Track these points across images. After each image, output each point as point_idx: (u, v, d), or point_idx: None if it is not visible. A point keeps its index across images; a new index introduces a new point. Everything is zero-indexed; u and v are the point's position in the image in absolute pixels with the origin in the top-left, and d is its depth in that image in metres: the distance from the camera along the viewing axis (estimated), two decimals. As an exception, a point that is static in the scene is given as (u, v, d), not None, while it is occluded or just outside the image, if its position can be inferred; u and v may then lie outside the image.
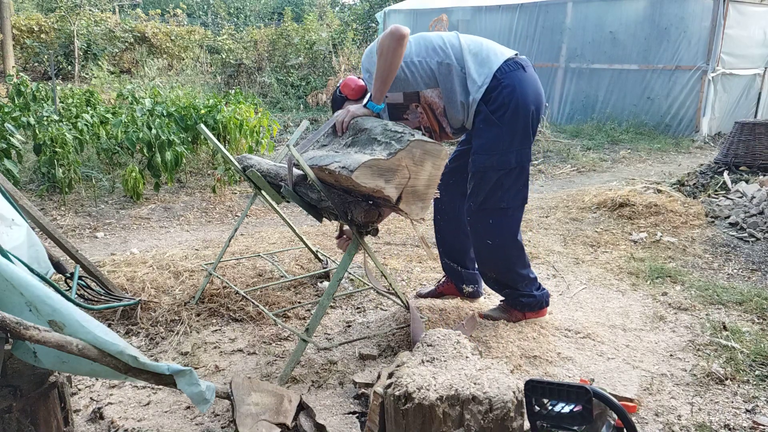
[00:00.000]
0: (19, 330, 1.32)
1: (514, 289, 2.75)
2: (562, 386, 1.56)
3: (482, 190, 2.58)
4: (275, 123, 6.46)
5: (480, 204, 2.59)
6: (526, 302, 2.77)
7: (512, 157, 2.53)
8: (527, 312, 2.80)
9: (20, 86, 6.63)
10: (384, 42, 2.35)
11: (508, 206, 2.60)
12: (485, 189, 2.57)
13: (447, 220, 2.93)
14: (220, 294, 3.07)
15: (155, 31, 15.15)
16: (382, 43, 2.36)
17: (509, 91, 2.47)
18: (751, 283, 3.45)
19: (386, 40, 2.35)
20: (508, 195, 2.58)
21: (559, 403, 1.58)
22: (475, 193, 2.60)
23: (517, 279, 2.73)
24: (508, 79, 2.49)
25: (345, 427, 2.06)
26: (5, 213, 2.04)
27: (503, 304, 2.85)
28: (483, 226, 2.63)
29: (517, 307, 2.79)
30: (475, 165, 2.57)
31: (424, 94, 2.55)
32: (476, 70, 2.51)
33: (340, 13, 19.54)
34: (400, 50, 2.36)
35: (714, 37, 8.54)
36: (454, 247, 2.97)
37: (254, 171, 2.71)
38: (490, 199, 2.58)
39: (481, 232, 2.65)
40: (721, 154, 5.90)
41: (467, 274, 3.00)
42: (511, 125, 2.49)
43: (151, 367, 1.50)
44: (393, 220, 4.61)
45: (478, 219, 2.63)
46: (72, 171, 4.94)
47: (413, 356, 1.75)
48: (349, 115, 2.43)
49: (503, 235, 2.63)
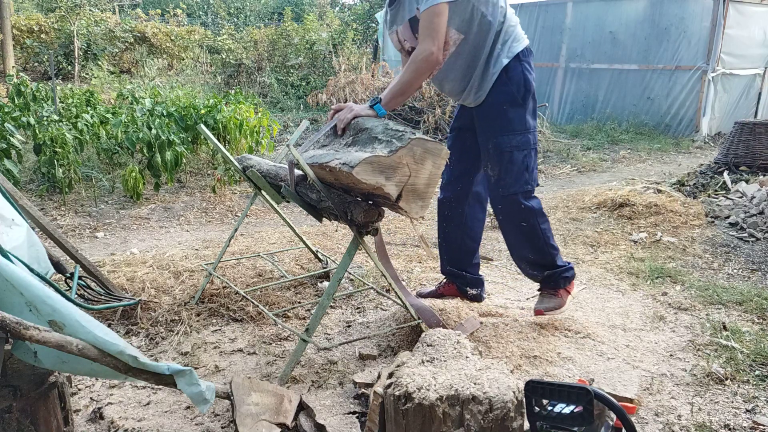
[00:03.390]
0: (19, 330, 1.32)
1: (553, 267, 2.71)
2: (562, 387, 1.56)
3: (510, 173, 2.53)
4: (275, 123, 6.46)
5: (509, 188, 2.55)
6: (569, 275, 2.74)
7: (531, 137, 2.55)
8: (569, 285, 2.77)
9: (20, 86, 6.63)
10: (420, 60, 2.33)
11: (533, 187, 2.60)
12: (513, 171, 2.53)
13: (454, 227, 2.85)
14: (220, 294, 3.07)
15: (155, 31, 15.14)
16: (418, 60, 2.33)
17: (528, 73, 2.51)
18: (751, 283, 3.45)
19: (422, 62, 2.33)
20: (532, 176, 2.58)
21: (558, 403, 1.58)
22: (503, 178, 2.55)
23: (554, 253, 2.70)
24: (528, 61, 2.53)
25: (345, 427, 2.06)
26: (5, 213, 2.03)
27: (548, 291, 2.78)
28: (515, 210, 2.59)
29: (561, 284, 2.74)
30: (501, 147, 2.52)
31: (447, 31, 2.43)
32: (509, 44, 2.48)
33: (340, 13, 19.53)
34: (426, 77, 2.40)
35: (714, 37, 8.54)
36: (461, 253, 2.90)
37: (254, 171, 2.71)
38: (518, 181, 2.54)
39: (514, 217, 2.61)
40: (721, 154, 5.90)
41: (472, 278, 2.95)
42: (529, 106, 2.54)
43: (151, 367, 1.50)
44: (393, 220, 4.61)
45: (509, 204, 2.59)
46: (72, 171, 4.94)
47: (413, 356, 1.75)
48: (352, 113, 2.38)
49: (535, 215, 2.61)
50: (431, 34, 2.31)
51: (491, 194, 2.66)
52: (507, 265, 3.76)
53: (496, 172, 2.56)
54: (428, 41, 2.32)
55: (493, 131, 2.54)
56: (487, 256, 3.87)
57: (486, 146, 2.58)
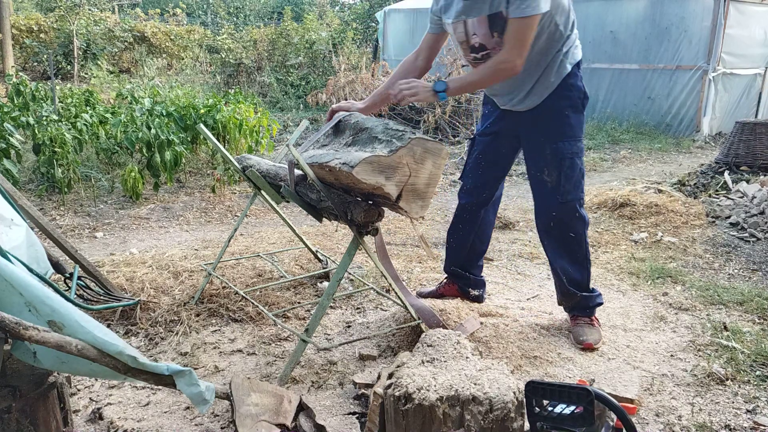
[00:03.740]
0: (18, 330, 1.32)
1: (588, 290, 2.69)
2: (563, 387, 1.56)
3: (570, 180, 2.48)
4: (275, 123, 6.46)
5: (568, 195, 2.50)
6: (600, 302, 2.74)
7: (583, 144, 2.55)
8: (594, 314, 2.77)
9: (19, 86, 6.62)
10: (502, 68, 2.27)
11: (584, 195, 2.58)
12: (573, 178, 2.49)
13: (468, 229, 2.82)
14: (220, 294, 3.06)
15: (154, 30, 15.14)
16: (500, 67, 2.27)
17: (583, 82, 2.52)
18: (751, 283, 3.45)
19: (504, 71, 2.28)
20: (583, 183, 2.57)
21: (559, 404, 1.58)
22: (562, 185, 2.48)
23: (589, 269, 2.68)
24: (580, 70, 2.53)
25: (345, 428, 2.06)
26: (4, 213, 2.03)
27: (584, 320, 2.72)
28: (570, 218, 2.54)
29: (593, 312, 2.73)
30: (562, 153, 2.46)
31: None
32: (572, 51, 2.46)
33: (339, 12, 19.53)
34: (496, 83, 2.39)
35: (714, 36, 8.54)
36: (469, 255, 2.88)
37: (254, 171, 2.71)
38: (577, 188, 2.51)
39: (566, 225, 2.56)
40: (722, 153, 5.89)
41: (475, 279, 2.96)
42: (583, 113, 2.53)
43: (151, 368, 1.49)
44: (393, 220, 4.60)
45: (567, 211, 2.53)
46: (71, 171, 4.93)
47: (413, 357, 1.74)
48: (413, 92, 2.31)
49: (585, 225, 2.59)
50: (520, 45, 2.25)
51: (545, 201, 2.57)
52: (507, 265, 3.75)
53: (554, 179, 2.48)
54: (515, 51, 2.25)
55: (554, 136, 2.47)
56: (487, 256, 3.87)
57: (542, 151, 2.51)
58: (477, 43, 2.41)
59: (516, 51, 2.25)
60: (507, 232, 4.41)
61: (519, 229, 4.50)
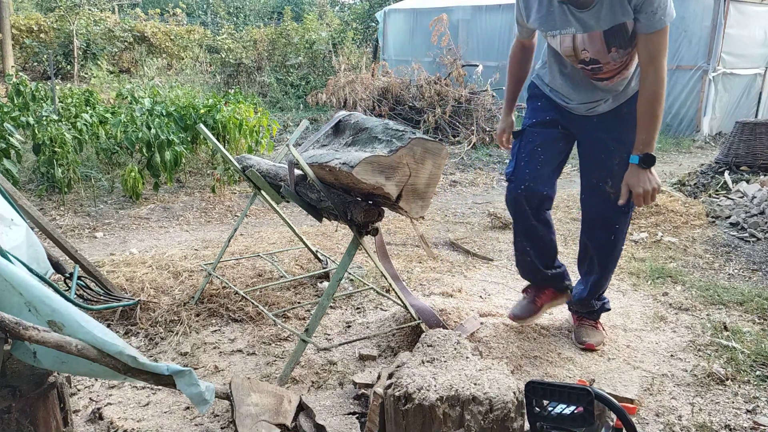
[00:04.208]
0: (18, 330, 1.32)
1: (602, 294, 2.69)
2: (563, 388, 1.56)
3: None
4: (275, 123, 6.46)
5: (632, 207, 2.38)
6: (607, 308, 2.74)
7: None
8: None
9: (19, 86, 6.62)
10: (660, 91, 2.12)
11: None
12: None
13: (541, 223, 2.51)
14: (220, 294, 3.06)
15: (154, 30, 15.14)
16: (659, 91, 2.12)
17: None
18: (752, 283, 3.45)
19: (663, 92, 2.13)
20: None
21: (559, 404, 1.58)
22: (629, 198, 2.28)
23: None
24: None
25: (345, 428, 2.06)
26: (4, 213, 2.03)
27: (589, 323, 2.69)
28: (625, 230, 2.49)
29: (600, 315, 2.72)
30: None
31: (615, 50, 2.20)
32: None
33: (339, 12, 19.55)
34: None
35: (714, 36, 8.54)
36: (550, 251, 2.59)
37: (254, 171, 2.71)
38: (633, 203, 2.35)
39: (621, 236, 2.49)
40: (722, 153, 5.89)
41: (563, 271, 2.68)
42: None
43: (150, 368, 1.49)
44: (393, 220, 4.60)
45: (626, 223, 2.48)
46: (71, 171, 4.93)
47: (413, 357, 1.74)
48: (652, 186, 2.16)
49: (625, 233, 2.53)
50: (662, 58, 2.12)
51: (605, 213, 2.44)
52: (507, 265, 3.75)
53: (618, 189, 2.29)
54: (662, 68, 2.12)
55: (627, 145, 2.26)
56: (487, 256, 3.87)
57: (609, 160, 2.36)
58: (588, 58, 2.24)
59: (662, 66, 2.12)
60: (507, 232, 4.41)
61: (519, 229, 4.50)
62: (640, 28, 2.10)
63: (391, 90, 8.81)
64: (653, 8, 2.05)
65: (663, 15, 2.06)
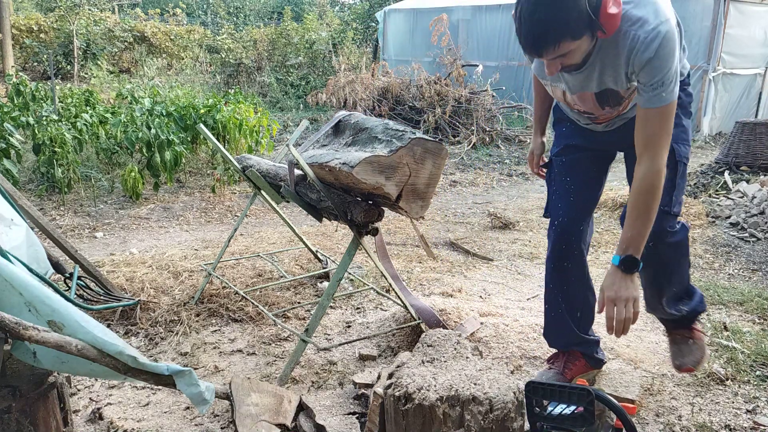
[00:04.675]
0: (18, 330, 1.32)
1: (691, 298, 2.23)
2: (563, 388, 1.56)
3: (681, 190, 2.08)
4: (275, 123, 6.46)
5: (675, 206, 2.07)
6: (702, 307, 2.27)
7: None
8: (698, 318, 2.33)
9: (19, 86, 6.62)
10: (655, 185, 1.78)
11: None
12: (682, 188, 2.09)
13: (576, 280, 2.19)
14: (220, 294, 3.06)
15: (154, 30, 15.14)
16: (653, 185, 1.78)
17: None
18: (751, 283, 3.45)
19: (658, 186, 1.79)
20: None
21: (559, 404, 1.58)
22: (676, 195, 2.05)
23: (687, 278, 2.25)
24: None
25: (345, 428, 2.06)
26: (4, 213, 2.03)
27: (685, 332, 2.26)
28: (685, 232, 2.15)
29: (697, 319, 2.28)
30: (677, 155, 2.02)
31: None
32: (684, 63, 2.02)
33: (339, 12, 19.55)
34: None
35: (714, 36, 8.54)
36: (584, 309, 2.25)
37: (254, 171, 2.71)
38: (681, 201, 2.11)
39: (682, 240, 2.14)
40: (722, 153, 5.89)
41: (595, 338, 2.33)
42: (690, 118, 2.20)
43: (150, 368, 1.49)
44: (393, 220, 4.60)
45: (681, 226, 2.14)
46: (71, 171, 4.93)
47: (413, 357, 1.74)
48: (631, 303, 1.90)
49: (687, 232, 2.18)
50: (662, 143, 1.77)
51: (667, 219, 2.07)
52: (507, 265, 3.75)
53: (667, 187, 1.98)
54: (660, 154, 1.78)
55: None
56: (487, 256, 3.87)
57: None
58: (581, 109, 2.06)
59: (661, 153, 1.78)
60: (507, 232, 4.41)
61: (519, 229, 4.50)
62: (638, 99, 1.80)
63: (391, 90, 8.81)
64: (653, 82, 1.74)
65: (665, 91, 1.73)
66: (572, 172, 2.19)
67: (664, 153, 1.78)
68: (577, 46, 1.70)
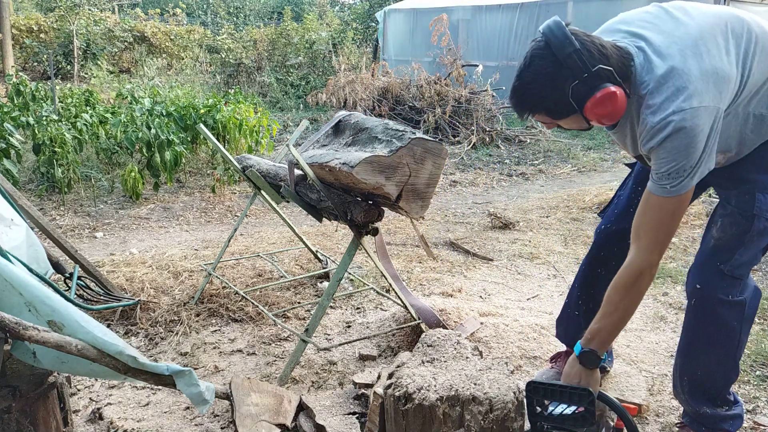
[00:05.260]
0: (18, 330, 1.32)
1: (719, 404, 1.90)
2: (564, 388, 1.55)
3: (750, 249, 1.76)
4: (275, 123, 6.46)
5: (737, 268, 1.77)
6: (739, 423, 1.93)
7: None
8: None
9: (19, 86, 6.63)
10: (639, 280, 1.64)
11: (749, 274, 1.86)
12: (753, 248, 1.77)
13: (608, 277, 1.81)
14: (220, 294, 3.06)
15: (154, 30, 15.14)
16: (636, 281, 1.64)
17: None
18: (751, 283, 3.44)
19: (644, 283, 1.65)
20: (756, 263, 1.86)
21: (560, 404, 1.58)
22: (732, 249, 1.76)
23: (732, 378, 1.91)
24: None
25: (345, 428, 2.05)
26: (4, 213, 2.03)
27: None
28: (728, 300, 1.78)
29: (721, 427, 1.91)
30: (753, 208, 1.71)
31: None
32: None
33: (339, 12, 19.55)
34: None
35: (714, 36, 8.52)
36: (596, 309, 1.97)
37: (254, 171, 2.71)
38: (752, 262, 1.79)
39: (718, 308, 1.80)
40: (722, 153, 5.89)
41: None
42: None
43: (150, 368, 1.49)
44: (393, 219, 4.60)
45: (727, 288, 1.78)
46: (71, 171, 4.93)
47: (413, 357, 1.74)
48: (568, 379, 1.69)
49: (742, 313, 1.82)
50: (654, 237, 1.61)
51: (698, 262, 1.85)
52: (507, 265, 3.75)
53: (727, 238, 1.77)
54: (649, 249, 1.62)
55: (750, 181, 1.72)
56: (487, 256, 3.87)
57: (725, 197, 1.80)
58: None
59: (654, 247, 1.61)
60: (507, 232, 4.41)
61: (519, 229, 4.50)
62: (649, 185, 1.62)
63: (391, 90, 8.81)
64: (659, 172, 1.57)
65: (671, 185, 1.55)
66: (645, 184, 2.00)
67: (654, 249, 1.61)
68: (561, 121, 1.63)
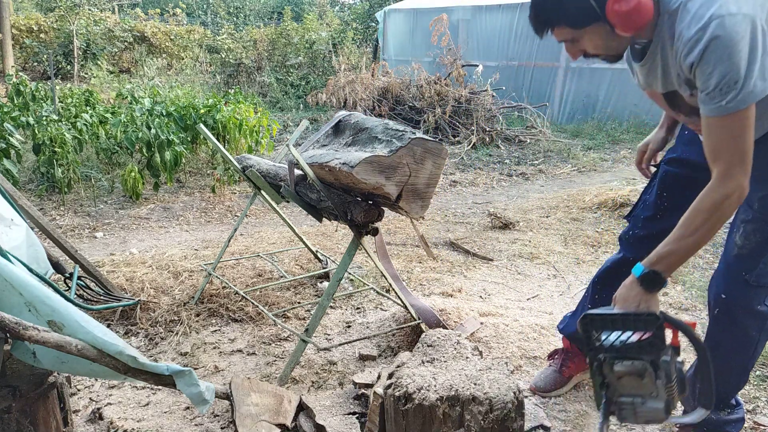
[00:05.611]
0: (18, 330, 1.32)
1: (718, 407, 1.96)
2: (627, 315, 1.43)
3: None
4: (275, 123, 6.46)
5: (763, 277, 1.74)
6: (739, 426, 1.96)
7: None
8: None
9: (19, 86, 6.62)
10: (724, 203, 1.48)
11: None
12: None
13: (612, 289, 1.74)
14: (220, 294, 3.06)
15: (154, 30, 15.15)
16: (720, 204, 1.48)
17: None
18: (751, 283, 3.44)
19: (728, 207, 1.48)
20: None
21: (623, 333, 1.43)
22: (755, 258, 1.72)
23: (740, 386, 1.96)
24: None
25: (345, 428, 2.06)
26: (4, 213, 2.03)
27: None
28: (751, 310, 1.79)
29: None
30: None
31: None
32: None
33: (339, 12, 19.55)
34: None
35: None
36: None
37: (253, 171, 2.71)
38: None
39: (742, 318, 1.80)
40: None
41: None
42: None
43: (150, 368, 1.49)
44: (393, 219, 4.60)
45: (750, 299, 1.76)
46: (71, 171, 4.93)
47: (413, 357, 1.74)
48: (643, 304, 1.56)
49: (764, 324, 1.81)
50: (729, 158, 1.46)
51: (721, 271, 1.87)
52: (507, 265, 3.75)
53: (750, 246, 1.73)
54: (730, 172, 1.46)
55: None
56: (487, 256, 3.87)
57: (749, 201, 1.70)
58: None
59: (734, 168, 1.46)
60: (507, 232, 4.41)
61: (519, 229, 4.50)
62: (704, 110, 1.50)
63: (391, 90, 8.81)
64: (708, 90, 1.45)
65: (726, 100, 1.42)
66: (672, 188, 1.89)
67: (736, 171, 1.45)
68: (584, 35, 1.55)
